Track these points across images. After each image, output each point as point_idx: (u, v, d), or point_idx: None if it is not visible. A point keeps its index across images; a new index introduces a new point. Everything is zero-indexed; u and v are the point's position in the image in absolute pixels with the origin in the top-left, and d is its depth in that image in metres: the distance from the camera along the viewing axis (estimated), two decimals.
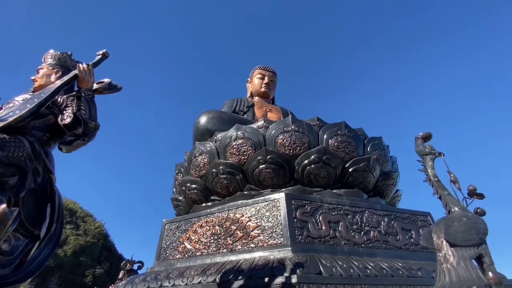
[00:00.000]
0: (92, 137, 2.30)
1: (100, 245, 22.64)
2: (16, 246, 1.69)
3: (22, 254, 1.72)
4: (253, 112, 10.04)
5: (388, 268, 3.53)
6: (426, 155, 2.27)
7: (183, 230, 4.97)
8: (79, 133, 2.16)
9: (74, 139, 2.18)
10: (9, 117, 1.85)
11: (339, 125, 5.89)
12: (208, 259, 4.21)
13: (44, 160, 1.96)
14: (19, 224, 1.69)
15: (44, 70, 2.50)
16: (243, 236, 4.25)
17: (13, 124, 1.83)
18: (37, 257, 1.82)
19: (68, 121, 2.14)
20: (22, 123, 1.89)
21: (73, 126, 2.14)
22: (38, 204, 1.89)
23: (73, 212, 23.27)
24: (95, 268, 21.13)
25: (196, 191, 6.13)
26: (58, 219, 1.97)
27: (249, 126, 5.90)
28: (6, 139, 1.75)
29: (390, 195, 6.42)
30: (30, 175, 1.80)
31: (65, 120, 2.16)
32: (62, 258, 19.63)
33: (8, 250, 1.63)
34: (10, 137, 1.77)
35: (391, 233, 4.55)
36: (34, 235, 1.80)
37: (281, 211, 4.14)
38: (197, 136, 7.17)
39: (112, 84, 2.64)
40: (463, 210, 1.89)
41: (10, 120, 1.82)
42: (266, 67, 11.67)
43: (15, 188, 1.70)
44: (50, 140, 2.14)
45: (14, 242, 1.68)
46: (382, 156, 6.14)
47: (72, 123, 2.14)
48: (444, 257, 1.70)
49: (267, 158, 5.37)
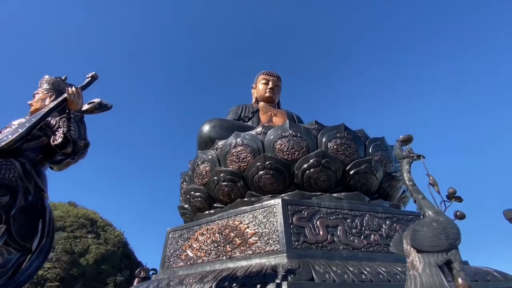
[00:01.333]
0: (82, 154, 2.47)
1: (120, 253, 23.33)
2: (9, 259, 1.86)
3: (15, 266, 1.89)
4: (258, 118, 10.12)
5: (385, 273, 3.46)
6: (403, 158, 2.25)
7: (185, 238, 5.10)
8: (68, 152, 2.33)
9: (64, 158, 2.36)
10: (2, 141, 2.04)
11: (338, 127, 5.84)
12: (208, 266, 4.29)
13: (35, 180, 2.14)
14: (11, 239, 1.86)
15: (40, 95, 2.72)
16: (242, 243, 4.30)
17: (5, 148, 2.02)
18: (28, 269, 1.98)
19: (59, 142, 2.31)
20: (14, 146, 2.08)
21: (64, 146, 2.32)
22: (30, 219, 2.06)
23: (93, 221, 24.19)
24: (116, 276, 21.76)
25: (200, 199, 6.25)
26: (48, 233, 2.14)
27: (248, 133, 5.97)
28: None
29: (397, 196, 6.25)
30: (21, 194, 1.97)
31: (56, 140, 2.34)
32: (84, 266, 20.40)
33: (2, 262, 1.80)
34: (1, 160, 1.96)
35: (393, 236, 4.44)
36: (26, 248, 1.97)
37: (278, 217, 4.16)
38: (200, 144, 7.33)
39: (102, 103, 2.81)
40: (437, 214, 1.85)
41: (2, 144, 2.02)
42: (270, 72, 11.74)
43: (7, 206, 1.88)
44: (44, 160, 2.33)
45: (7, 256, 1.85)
46: (385, 156, 6.02)
47: (63, 143, 2.32)
48: (412, 263, 1.68)
49: (265, 164, 5.41)
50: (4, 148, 2.01)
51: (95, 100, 2.77)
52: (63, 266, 19.67)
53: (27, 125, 2.18)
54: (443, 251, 1.59)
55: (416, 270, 1.61)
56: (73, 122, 2.40)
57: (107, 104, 2.86)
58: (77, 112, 2.45)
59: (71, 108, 2.45)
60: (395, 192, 6.12)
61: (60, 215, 22.75)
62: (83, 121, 2.50)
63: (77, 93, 2.47)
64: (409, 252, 1.73)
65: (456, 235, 1.65)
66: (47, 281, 18.79)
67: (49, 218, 2.17)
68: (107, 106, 2.84)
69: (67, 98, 2.44)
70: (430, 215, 1.87)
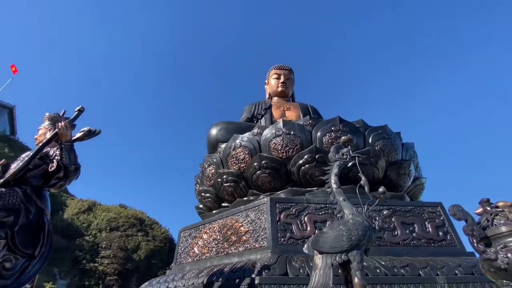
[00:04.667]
0: (74, 176, 3.02)
1: (167, 248, 25.56)
2: (16, 264, 2.45)
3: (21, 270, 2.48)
4: (271, 114, 10.27)
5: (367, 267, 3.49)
6: (335, 161, 2.30)
7: (193, 237, 5.60)
8: (60, 176, 2.89)
9: (57, 182, 2.92)
10: (8, 174, 2.67)
11: (332, 121, 5.79)
12: (208, 262, 4.72)
13: (35, 201, 2.72)
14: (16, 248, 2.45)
15: (42, 130, 3.35)
16: (236, 240, 4.64)
17: (10, 179, 2.64)
18: (30, 271, 2.57)
19: (54, 168, 2.88)
20: (18, 176, 2.69)
21: (57, 171, 2.88)
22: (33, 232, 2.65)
23: (142, 221, 26.82)
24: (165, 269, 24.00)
25: (210, 199, 6.74)
26: (47, 242, 2.71)
27: (246, 134, 6.22)
28: (3, 191, 2.54)
29: (405, 186, 5.98)
30: (23, 214, 2.56)
31: (53, 167, 2.91)
32: (137, 261, 22.89)
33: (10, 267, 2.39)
34: (6, 189, 2.56)
35: (387, 228, 4.37)
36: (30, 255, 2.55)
37: (266, 215, 4.39)
38: (209, 148, 7.78)
39: (91, 130, 3.34)
40: (353, 215, 1.93)
41: (7, 176, 2.64)
42: (281, 66, 11.71)
43: (12, 224, 2.47)
44: (44, 184, 2.93)
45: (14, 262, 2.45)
46: (387, 145, 5.80)
47: (58, 169, 2.88)
48: (315, 263, 1.80)
49: (262, 164, 5.64)
50: (9, 180, 2.62)
51: (85, 129, 3.31)
52: (120, 261, 22.35)
53: (26, 158, 2.78)
54: (343, 252, 1.69)
55: (316, 270, 1.74)
56: (64, 151, 2.95)
57: (95, 131, 3.39)
58: (67, 142, 2.99)
59: (61, 139, 2.99)
60: (402, 182, 5.87)
61: (114, 216, 25.70)
62: (73, 149, 3.04)
63: (65, 127, 3.01)
64: (314, 254, 1.85)
65: (360, 236, 1.73)
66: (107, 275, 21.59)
67: (47, 230, 2.75)
68: (95, 132, 3.38)
69: (58, 132, 2.99)
70: (347, 216, 1.95)
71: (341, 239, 1.72)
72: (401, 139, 6.34)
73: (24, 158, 2.90)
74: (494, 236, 1.98)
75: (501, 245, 1.89)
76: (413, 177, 6.15)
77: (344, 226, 1.80)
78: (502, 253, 1.85)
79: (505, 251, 1.85)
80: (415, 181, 6.23)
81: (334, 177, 2.24)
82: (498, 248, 1.88)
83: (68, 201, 26.17)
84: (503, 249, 1.86)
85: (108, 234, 23.39)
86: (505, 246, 1.87)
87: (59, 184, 2.89)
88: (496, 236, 1.97)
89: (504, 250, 1.85)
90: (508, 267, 1.81)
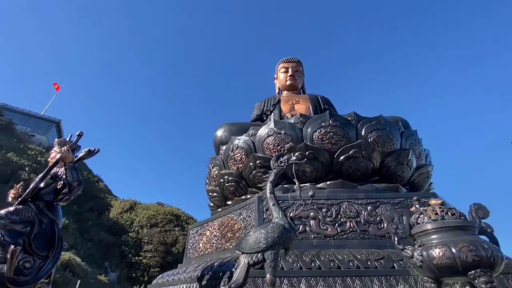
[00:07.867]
0: (77, 191, 3.66)
1: None
2: (34, 264, 3.14)
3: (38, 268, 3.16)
4: (279, 109, 10.38)
5: (356, 260, 3.62)
6: (274, 168, 2.51)
7: (199, 234, 6.15)
8: (66, 192, 3.53)
9: (63, 196, 3.57)
10: (24, 194, 3.37)
11: (322, 116, 5.84)
12: (208, 257, 5.21)
13: (47, 214, 3.40)
14: (33, 252, 3.13)
15: (53, 154, 4.05)
16: (231, 237, 5.05)
17: (26, 197, 3.33)
18: (45, 269, 3.24)
19: (61, 186, 3.54)
20: (32, 195, 3.38)
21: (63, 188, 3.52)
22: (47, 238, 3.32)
23: (178, 217, 28.90)
24: None
25: (217, 198, 7.23)
26: (58, 246, 3.38)
27: (242, 136, 6.54)
28: (21, 208, 3.23)
29: (406, 177, 5.83)
30: (37, 224, 3.23)
31: (60, 185, 3.57)
32: (176, 254, 24.83)
33: (30, 266, 3.08)
34: (23, 206, 3.25)
35: (372, 221, 4.42)
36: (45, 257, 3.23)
37: (254, 213, 4.72)
38: (215, 149, 8.25)
39: (90, 150, 3.96)
40: (279, 219, 2.16)
41: (23, 196, 3.33)
42: (289, 59, 11.67)
43: (28, 233, 3.15)
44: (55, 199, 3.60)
45: (33, 262, 3.13)
46: (382, 136, 5.70)
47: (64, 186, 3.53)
48: (238, 262, 2.07)
49: (256, 163, 5.93)
50: (25, 198, 3.31)
51: (85, 150, 3.95)
52: (160, 255, 24.48)
53: (36, 180, 3.47)
54: (259, 252, 1.96)
55: (238, 269, 2.03)
56: (68, 170, 3.58)
57: (95, 150, 4.01)
58: (69, 163, 3.63)
59: (65, 161, 3.64)
60: (401, 171, 5.74)
61: (153, 214, 28.07)
62: (75, 168, 3.67)
63: (67, 150, 3.65)
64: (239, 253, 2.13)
65: (275, 238, 1.98)
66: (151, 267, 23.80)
67: (58, 236, 3.42)
68: (94, 151, 4.00)
69: (61, 156, 3.63)
70: (274, 220, 2.20)
71: (259, 241, 1.98)
72: (399, 128, 6.16)
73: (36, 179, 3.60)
74: (416, 234, 2.06)
75: (418, 243, 1.98)
76: (415, 166, 5.96)
77: (264, 229, 2.05)
78: (418, 251, 1.94)
79: (420, 249, 1.94)
80: (418, 169, 6.03)
81: (269, 184, 2.48)
82: (416, 246, 1.97)
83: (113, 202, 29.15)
84: (419, 247, 1.95)
85: (148, 230, 25.77)
86: (422, 244, 1.96)
87: (65, 198, 3.54)
88: (417, 234, 2.05)
89: (420, 248, 1.94)
90: (423, 265, 1.91)
